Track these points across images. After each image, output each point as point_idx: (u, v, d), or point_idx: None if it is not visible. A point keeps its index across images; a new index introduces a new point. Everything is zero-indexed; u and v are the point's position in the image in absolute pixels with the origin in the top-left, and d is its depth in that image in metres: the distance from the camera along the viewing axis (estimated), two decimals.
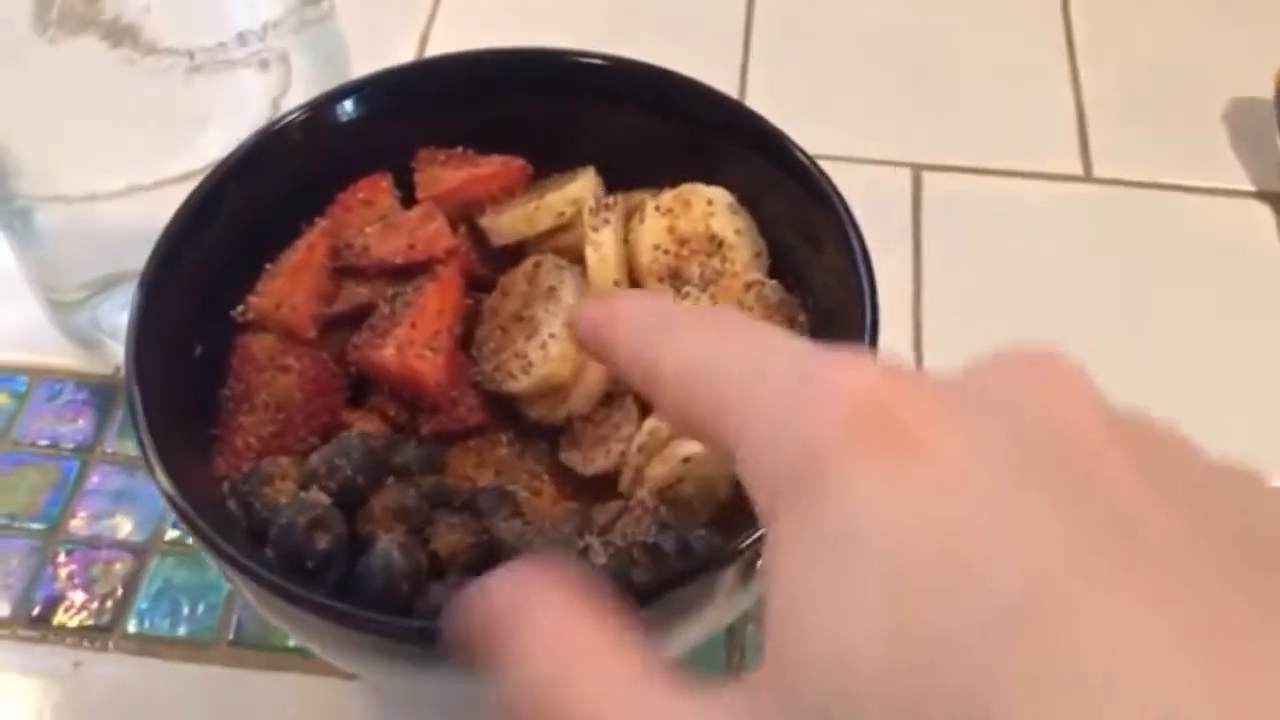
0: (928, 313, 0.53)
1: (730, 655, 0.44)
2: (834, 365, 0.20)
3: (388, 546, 0.34)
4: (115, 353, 0.51)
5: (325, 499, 0.35)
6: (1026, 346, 0.21)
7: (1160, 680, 0.16)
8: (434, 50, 0.64)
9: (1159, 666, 0.16)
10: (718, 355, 0.23)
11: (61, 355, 0.51)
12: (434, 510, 0.37)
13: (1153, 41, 0.65)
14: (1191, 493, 0.19)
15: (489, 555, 0.35)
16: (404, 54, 0.63)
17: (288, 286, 0.39)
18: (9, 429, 0.49)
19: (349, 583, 0.35)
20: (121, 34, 0.35)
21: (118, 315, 0.49)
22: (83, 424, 0.50)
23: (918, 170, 0.59)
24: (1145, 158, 0.59)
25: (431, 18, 0.66)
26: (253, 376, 0.38)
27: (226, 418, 0.38)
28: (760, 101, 0.43)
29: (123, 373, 0.50)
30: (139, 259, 0.47)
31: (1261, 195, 0.58)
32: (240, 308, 0.39)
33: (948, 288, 0.54)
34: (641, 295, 0.25)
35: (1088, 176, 0.59)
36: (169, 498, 0.33)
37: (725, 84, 0.43)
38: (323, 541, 0.34)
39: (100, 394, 0.51)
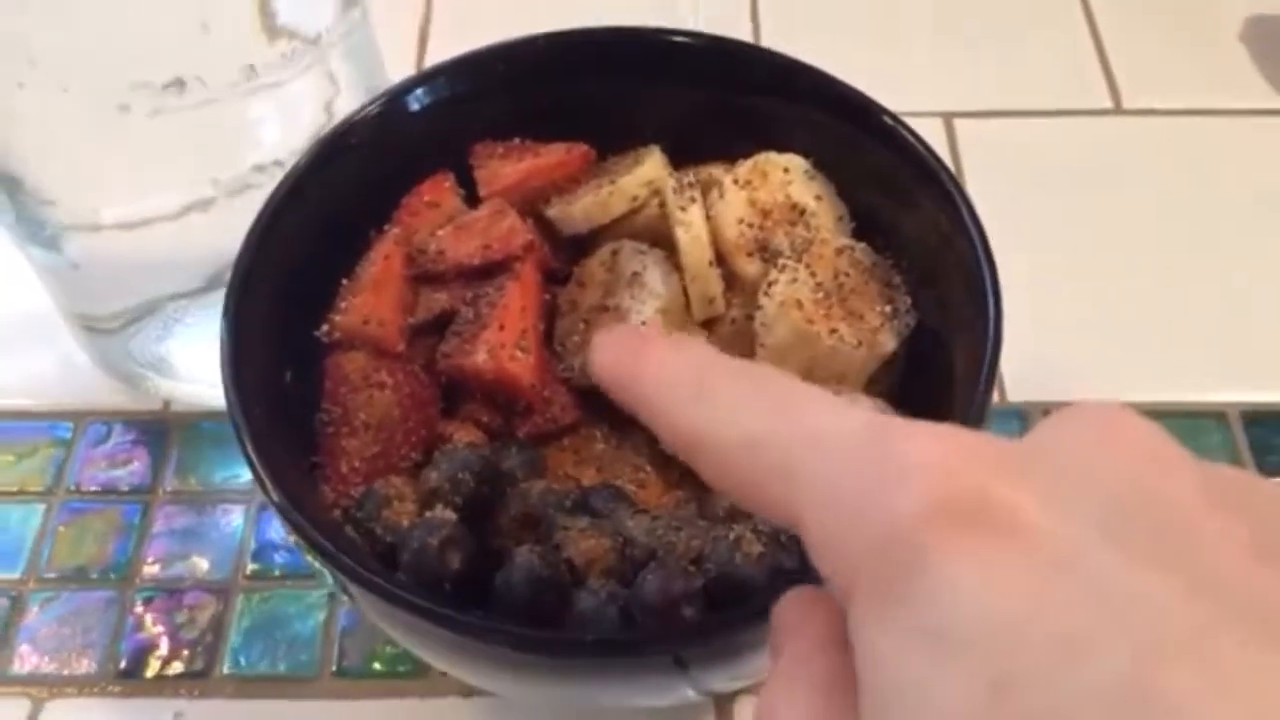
0: None
1: None
2: (901, 436, 0.19)
3: (529, 558, 0.32)
4: (158, 387, 0.49)
5: (452, 516, 0.33)
6: (1095, 408, 0.20)
7: None
8: (435, 47, 0.62)
9: None
10: (767, 426, 0.21)
11: (104, 396, 0.49)
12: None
13: None
14: None
15: (624, 557, 0.34)
16: (406, 52, 0.61)
17: (372, 300, 0.38)
18: (60, 478, 0.47)
19: (484, 599, 0.33)
20: None
21: (154, 346, 0.47)
22: (137, 466, 0.48)
23: (949, 118, 0.58)
24: (1172, 85, 0.59)
25: (427, 17, 0.64)
26: (349, 398, 0.37)
27: (327, 443, 0.36)
28: None
29: (173, 407, 0.49)
30: (172, 284, 0.45)
31: None
32: (325, 327, 0.38)
33: (998, 233, 0.53)
34: (670, 342, 0.25)
35: (1118, 109, 0.58)
36: (303, 532, 0.31)
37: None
38: (456, 561, 0.33)
39: (150, 432, 0.48)
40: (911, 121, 0.57)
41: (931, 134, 0.57)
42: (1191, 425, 0.48)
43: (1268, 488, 0.19)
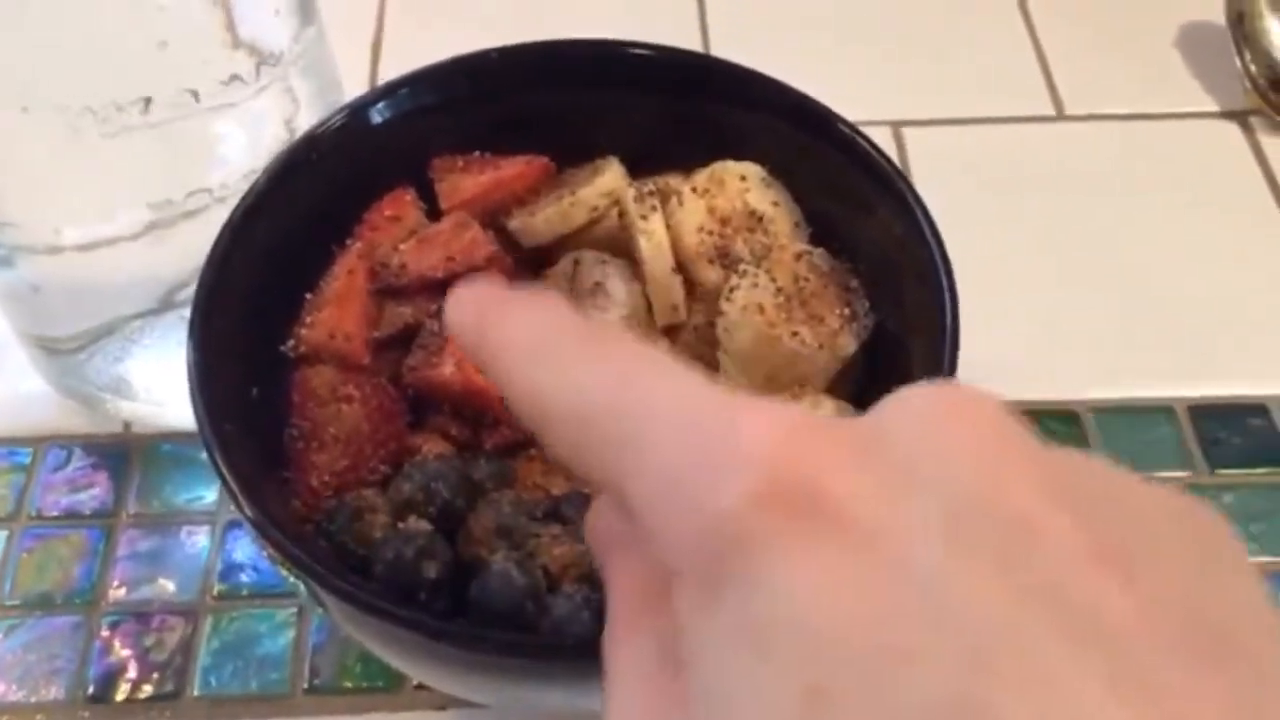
0: None
1: None
2: (738, 416, 0.18)
3: (505, 566, 0.33)
4: (118, 409, 0.48)
5: (427, 526, 0.34)
6: (937, 390, 0.19)
7: None
8: (388, 60, 0.63)
9: None
10: (605, 394, 0.20)
11: (62, 419, 0.49)
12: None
13: None
14: (1140, 552, 0.17)
15: None
16: (359, 69, 0.62)
17: (337, 314, 0.38)
18: (21, 505, 0.47)
19: (457, 608, 0.34)
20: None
21: (112, 368, 0.47)
22: (98, 489, 0.47)
23: (898, 127, 0.59)
24: (1111, 91, 0.61)
25: (379, 34, 0.64)
26: (316, 412, 0.37)
27: (296, 457, 0.37)
28: None
29: (133, 429, 0.49)
30: (131, 304, 0.45)
31: (1228, 115, 0.60)
32: (290, 342, 0.38)
33: (948, 239, 0.54)
34: (523, 300, 0.23)
35: (1060, 115, 0.60)
36: (279, 546, 0.31)
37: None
38: (432, 570, 0.33)
39: (111, 455, 0.48)
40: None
41: (881, 143, 0.58)
42: (1141, 420, 0.49)
43: (1104, 476, 0.18)
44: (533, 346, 0.22)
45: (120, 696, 0.42)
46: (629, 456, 0.19)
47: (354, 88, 0.46)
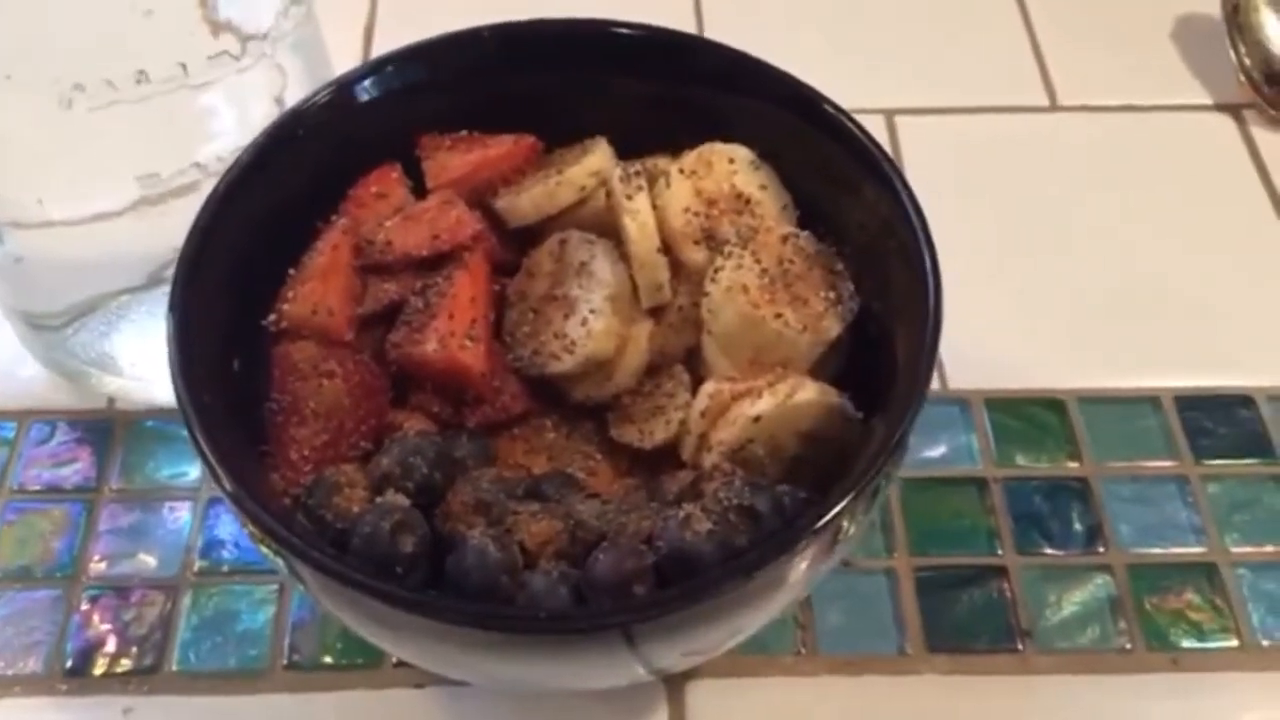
0: None
1: (797, 634, 0.43)
2: None
3: (481, 542, 0.32)
4: (102, 384, 0.48)
5: (404, 501, 0.34)
6: None
7: None
8: (381, 41, 0.62)
9: None
10: None
11: (47, 394, 0.49)
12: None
13: None
14: None
15: (575, 539, 0.34)
16: (351, 47, 0.61)
17: (320, 290, 0.38)
18: (3, 478, 0.47)
19: (434, 583, 0.33)
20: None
21: (98, 343, 0.47)
22: (81, 464, 0.47)
23: (890, 115, 0.59)
24: (1106, 82, 0.60)
25: (373, 11, 0.64)
26: (297, 386, 0.37)
27: (276, 431, 0.36)
28: None
29: (117, 404, 0.49)
30: (118, 279, 0.45)
31: (1221, 108, 0.60)
32: (273, 316, 0.38)
33: (940, 227, 0.54)
34: None
35: (1054, 105, 0.60)
36: (256, 519, 0.31)
37: None
38: (408, 544, 0.33)
39: (95, 430, 0.48)
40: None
41: (873, 131, 0.58)
42: (1127, 409, 0.49)
43: None
44: None
45: (98, 670, 0.42)
46: None
47: (345, 65, 0.46)
